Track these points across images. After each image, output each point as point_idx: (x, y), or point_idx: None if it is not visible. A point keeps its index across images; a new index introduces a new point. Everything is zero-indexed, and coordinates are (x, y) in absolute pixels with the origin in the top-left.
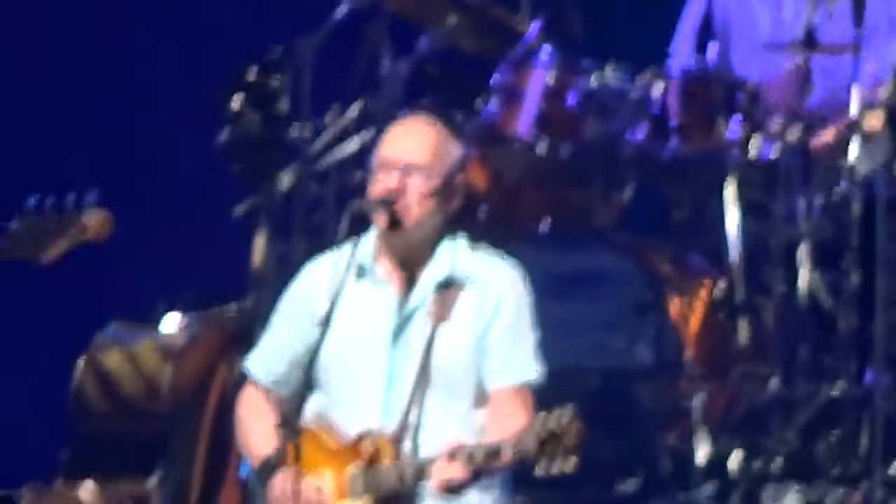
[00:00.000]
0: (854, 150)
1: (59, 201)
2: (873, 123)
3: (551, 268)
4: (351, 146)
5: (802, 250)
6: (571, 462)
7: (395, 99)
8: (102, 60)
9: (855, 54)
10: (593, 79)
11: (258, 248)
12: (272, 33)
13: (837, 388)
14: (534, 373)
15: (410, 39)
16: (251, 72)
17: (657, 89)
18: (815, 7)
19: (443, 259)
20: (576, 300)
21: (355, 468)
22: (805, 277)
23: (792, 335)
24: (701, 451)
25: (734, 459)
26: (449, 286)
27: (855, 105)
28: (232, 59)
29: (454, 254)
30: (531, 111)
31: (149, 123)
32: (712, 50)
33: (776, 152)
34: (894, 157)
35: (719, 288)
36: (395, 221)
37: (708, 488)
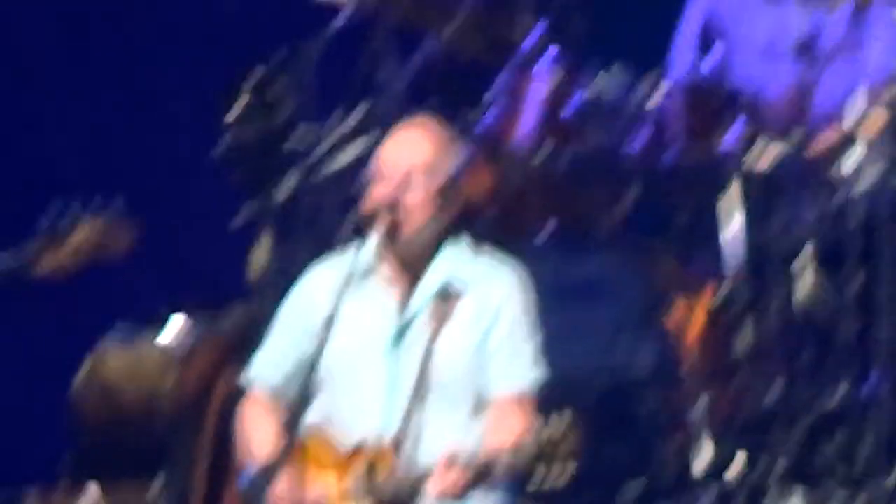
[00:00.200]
0: (855, 155)
1: (82, 210)
2: (874, 127)
3: (552, 274)
4: (353, 151)
5: (804, 256)
6: (569, 470)
7: (397, 104)
8: (105, 64)
9: (856, 59)
10: (594, 86)
11: (260, 254)
12: (274, 38)
13: (839, 393)
14: (534, 379)
15: (413, 45)
16: (253, 76)
17: (658, 96)
18: (816, 12)
19: (443, 264)
20: (578, 307)
21: (354, 476)
22: (806, 283)
23: (793, 341)
24: (703, 457)
25: (736, 465)
26: (449, 292)
27: (856, 109)
28: (234, 64)
29: (455, 259)
30: (532, 117)
31: (151, 127)
32: (713, 57)
33: (777, 158)
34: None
35: (721, 294)
36: (396, 226)
37: (710, 494)
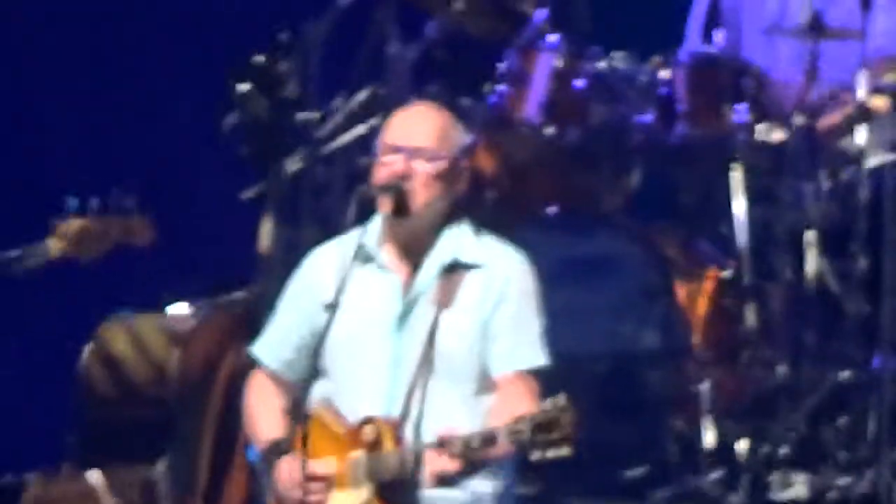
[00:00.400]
0: (861, 133)
1: (104, 203)
2: (880, 105)
3: (559, 253)
4: (358, 131)
5: (810, 235)
6: (565, 450)
7: (403, 83)
8: (110, 46)
9: (862, 37)
10: (601, 63)
11: (265, 234)
12: (280, 18)
13: (845, 374)
14: (539, 359)
15: (418, 24)
16: (259, 56)
17: (664, 74)
18: None
19: (447, 245)
20: (583, 285)
21: (358, 454)
22: (812, 262)
23: (799, 320)
24: (708, 437)
25: (742, 445)
26: (453, 272)
27: (862, 87)
28: (240, 44)
29: (459, 240)
30: (539, 96)
31: (156, 109)
32: (721, 34)
33: (783, 136)
34: None
35: (727, 273)
36: (401, 206)
37: (715, 474)
